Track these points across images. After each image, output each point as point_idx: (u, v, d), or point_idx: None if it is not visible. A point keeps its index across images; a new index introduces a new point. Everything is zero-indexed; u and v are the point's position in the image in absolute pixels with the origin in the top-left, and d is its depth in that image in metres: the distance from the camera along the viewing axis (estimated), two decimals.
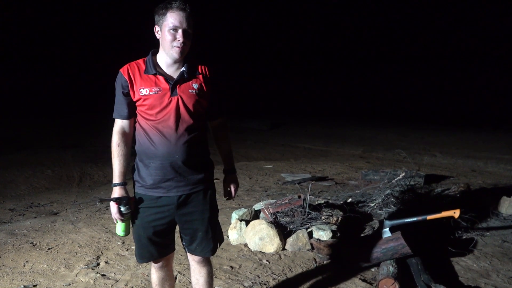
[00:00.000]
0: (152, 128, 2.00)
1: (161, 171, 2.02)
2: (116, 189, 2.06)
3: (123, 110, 2.05)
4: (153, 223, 2.09)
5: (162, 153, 1.99)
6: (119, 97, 2.04)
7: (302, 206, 3.86)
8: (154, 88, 1.98)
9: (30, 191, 6.32)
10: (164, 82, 1.99)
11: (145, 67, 2.02)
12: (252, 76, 27.10)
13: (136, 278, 3.09)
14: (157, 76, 2.00)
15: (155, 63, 2.03)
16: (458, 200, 4.70)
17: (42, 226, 4.28)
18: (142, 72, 2.01)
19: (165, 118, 1.98)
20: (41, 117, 15.05)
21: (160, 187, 2.05)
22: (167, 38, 1.94)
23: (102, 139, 10.03)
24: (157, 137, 2.00)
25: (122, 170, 2.07)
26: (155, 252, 2.16)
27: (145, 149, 2.03)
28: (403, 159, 8.43)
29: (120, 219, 2.06)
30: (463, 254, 3.51)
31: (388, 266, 3.03)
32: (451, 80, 25.47)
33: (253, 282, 3.03)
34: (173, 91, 1.99)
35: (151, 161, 2.02)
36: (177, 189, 2.05)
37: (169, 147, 1.99)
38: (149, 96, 1.98)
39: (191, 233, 2.15)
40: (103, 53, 25.34)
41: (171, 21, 1.92)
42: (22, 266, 3.31)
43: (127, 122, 2.08)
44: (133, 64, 2.04)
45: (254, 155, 9.65)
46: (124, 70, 2.02)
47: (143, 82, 1.99)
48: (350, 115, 18.78)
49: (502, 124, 15.42)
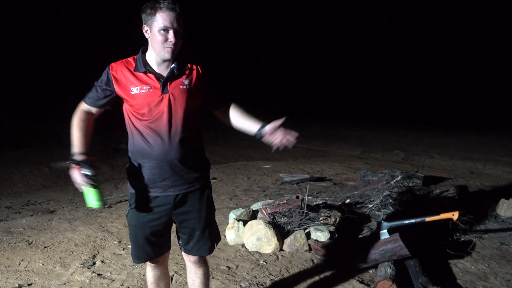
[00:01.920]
0: (145, 127, 1.97)
1: (158, 170, 1.99)
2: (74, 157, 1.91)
3: (96, 101, 2.02)
4: (150, 223, 2.07)
5: (157, 152, 1.96)
6: (99, 89, 2.00)
7: (300, 206, 3.84)
8: (145, 87, 1.95)
9: (26, 189, 6.29)
10: (154, 80, 1.96)
11: (135, 65, 1.98)
12: (251, 75, 27.07)
13: (132, 278, 3.07)
14: (147, 74, 1.96)
15: (145, 61, 1.99)
16: (457, 202, 4.69)
17: (38, 224, 4.25)
18: (132, 70, 1.97)
19: (157, 117, 1.95)
20: (38, 114, 15.01)
21: (157, 187, 2.02)
22: (158, 39, 1.89)
23: (99, 138, 10.02)
24: (151, 136, 1.96)
25: (83, 140, 1.97)
26: (151, 252, 2.14)
27: (140, 149, 2.00)
28: (401, 160, 8.43)
29: (88, 182, 1.85)
30: (461, 256, 3.50)
31: (386, 268, 3.02)
32: (450, 81, 25.51)
33: (250, 282, 3.01)
34: (164, 88, 1.95)
35: (147, 161, 1.99)
36: (174, 188, 2.02)
37: (164, 146, 1.96)
38: (140, 94, 1.94)
39: (188, 232, 2.13)
40: (102, 50, 25.29)
41: (161, 21, 1.86)
42: (18, 264, 3.29)
43: (95, 110, 2.05)
44: (123, 61, 2.00)
45: (252, 154, 9.63)
46: (113, 66, 1.99)
47: (133, 80, 1.95)
48: (349, 116, 18.79)
49: (501, 126, 15.44)
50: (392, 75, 27.27)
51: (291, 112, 14.28)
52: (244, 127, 2.10)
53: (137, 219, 2.08)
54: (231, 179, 6.47)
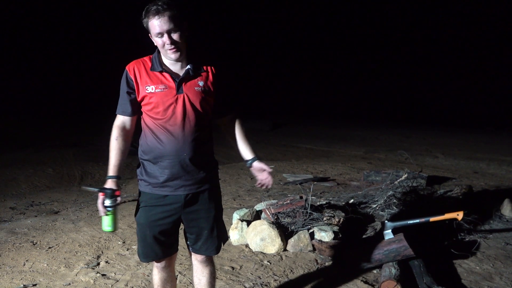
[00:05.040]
0: (159, 127, 1.99)
1: (170, 170, 2.00)
2: (108, 181, 2.03)
3: (126, 107, 2.05)
4: (159, 221, 2.08)
5: (170, 151, 1.98)
6: (124, 95, 2.03)
7: (304, 206, 3.84)
8: (160, 86, 1.97)
9: (31, 190, 6.31)
10: (170, 80, 1.98)
11: (151, 64, 2.01)
12: (254, 76, 27.07)
13: (137, 278, 3.07)
14: (163, 74, 1.99)
15: (161, 61, 2.01)
16: (461, 202, 4.68)
17: (42, 225, 4.27)
18: (148, 69, 2.00)
19: (171, 116, 1.97)
20: (42, 115, 15.06)
21: (168, 186, 2.03)
22: (158, 44, 1.95)
23: (103, 138, 10.00)
24: (164, 135, 1.98)
25: (117, 164, 2.04)
26: (159, 252, 2.15)
27: (152, 148, 2.01)
28: (405, 160, 8.40)
29: (104, 212, 2.00)
30: (466, 256, 3.48)
31: (390, 268, 3.01)
32: (453, 81, 25.41)
33: (254, 283, 3.01)
34: (179, 88, 1.98)
35: (159, 160, 2.01)
36: (184, 188, 2.04)
37: (177, 145, 1.98)
38: (155, 93, 1.97)
39: (196, 232, 2.15)
40: (106, 52, 25.36)
41: (153, 28, 1.91)
42: (22, 265, 3.30)
43: (129, 119, 2.07)
44: (139, 61, 2.03)
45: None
46: (130, 67, 2.01)
47: (149, 79, 1.98)
48: (352, 116, 18.76)
49: (505, 126, 15.38)
50: (395, 75, 27.19)
51: (295, 113, 14.23)
52: (238, 148, 2.24)
53: (146, 218, 2.09)
54: (235, 180, 6.47)
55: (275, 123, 15.30)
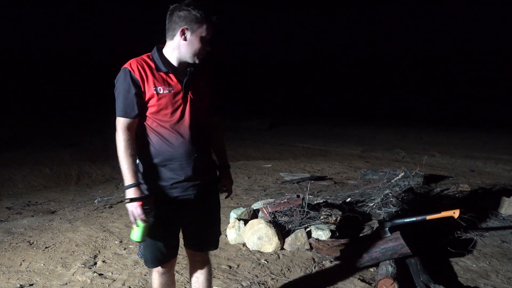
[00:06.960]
0: (167, 129, 1.94)
1: (180, 171, 1.98)
2: (133, 190, 1.89)
3: (132, 108, 1.90)
4: (167, 223, 2.06)
5: (181, 153, 1.96)
6: (128, 95, 1.89)
7: (301, 205, 3.84)
8: (167, 87, 1.93)
9: (27, 190, 6.28)
10: (175, 81, 1.95)
11: (155, 64, 1.94)
12: (251, 76, 27.06)
13: (134, 278, 3.07)
14: (169, 75, 1.95)
15: (165, 61, 1.96)
16: (458, 200, 4.69)
17: (39, 225, 4.25)
18: (153, 69, 1.93)
19: (180, 118, 1.95)
20: (39, 115, 15.01)
21: (177, 188, 2.00)
22: (196, 46, 1.91)
23: (100, 138, 10.02)
24: (173, 138, 1.95)
25: (134, 168, 1.92)
26: (166, 254, 2.12)
27: (160, 151, 1.95)
28: (402, 159, 8.42)
29: (144, 220, 1.90)
30: (463, 254, 3.50)
31: (387, 266, 3.02)
32: (450, 80, 25.48)
33: (251, 281, 3.01)
34: (185, 89, 1.96)
35: (169, 163, 1.97)
36: (193, 188, 2.04)
37: (187, 147, 1.97)
38: (163, 95, 1.91)
39: (198, 229, 2.18)
40: (102, 51, 25.30)
41: (208, 32, 1.92)
42: (19, 265, 3.29)
43: (133, 121, 1.93)
44: (139, 60, 1.93)
45: (253, 154, 9.63)
46: (133, 67, 1.90)
47: (156, 80, 1.91)
48: (350, 115, 18.77)
49: (501, 124, 15.43)
50: (392, 74, 27.24)
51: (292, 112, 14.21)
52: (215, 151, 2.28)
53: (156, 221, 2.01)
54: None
55: (272, 122, 15.29)
